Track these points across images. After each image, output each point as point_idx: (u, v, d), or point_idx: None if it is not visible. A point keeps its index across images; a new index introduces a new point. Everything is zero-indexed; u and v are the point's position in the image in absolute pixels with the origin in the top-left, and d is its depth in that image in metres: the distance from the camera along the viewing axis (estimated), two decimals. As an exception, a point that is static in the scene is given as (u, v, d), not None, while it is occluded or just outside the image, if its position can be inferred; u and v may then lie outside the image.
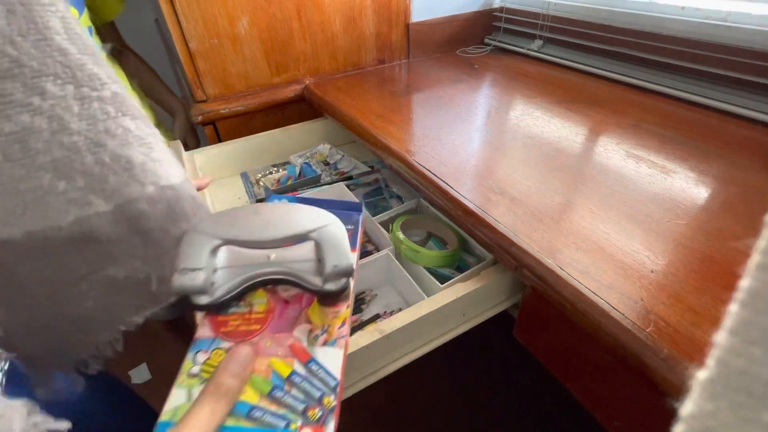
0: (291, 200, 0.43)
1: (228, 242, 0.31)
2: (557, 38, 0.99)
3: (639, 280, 0.39)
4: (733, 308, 0.10)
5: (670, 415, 0.11)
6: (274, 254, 0.32)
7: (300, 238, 0.32)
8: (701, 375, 0.10)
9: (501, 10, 1.11)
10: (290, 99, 0.94)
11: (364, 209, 0.42)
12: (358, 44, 0.99)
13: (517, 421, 1.09)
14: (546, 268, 0.41)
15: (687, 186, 0.52)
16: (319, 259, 0.31)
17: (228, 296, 0.30)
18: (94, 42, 0.25)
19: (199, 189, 0.58)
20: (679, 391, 0.31)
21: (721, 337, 0.10)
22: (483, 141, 0.66)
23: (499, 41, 1.13)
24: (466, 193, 0.53)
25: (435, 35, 1.09)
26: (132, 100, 0.28)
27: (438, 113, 0.76)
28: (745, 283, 0.09)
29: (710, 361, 0.10)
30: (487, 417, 1.10)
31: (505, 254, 0.46)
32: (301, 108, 0.97)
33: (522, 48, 1.06)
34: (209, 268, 0.30)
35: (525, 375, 1.18)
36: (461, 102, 0.80)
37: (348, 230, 0.36)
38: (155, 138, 0.29)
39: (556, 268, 0.41)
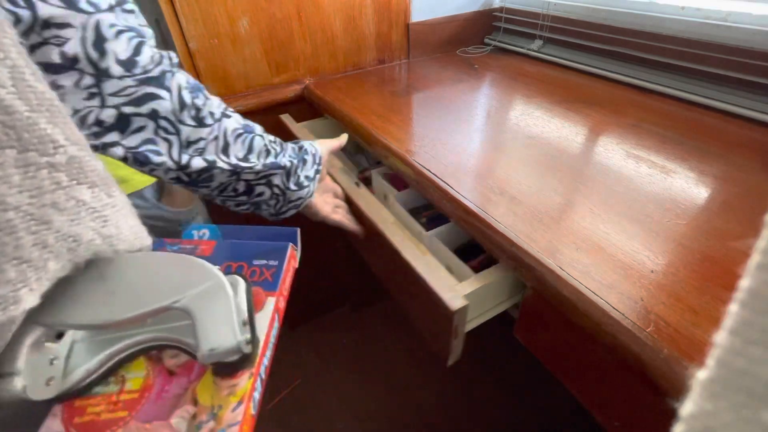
0: (213, 232, 0.37)
1: (56, 328, 0.23)
2: (557, 38, 0.99)
3: (639, 280, 0.39)
4: (733, 308, 0.10)
5: (670, 415, 0.11)
6: None
7: (161, 312, 0.23)
8: (701, 375, 0.10)
9: (501, 10, 1.11)
10: (290, 99, 0.94)
11: (299, 239, 0.36)
12: (358, 44, 0.99)
13: (518, 421, 1.09)
14: (546, 268, 0.41)
15: (687, 186, 0.52)
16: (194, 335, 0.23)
17: (87, 381, 0.24)
18: (53, 95, 0.22)
19: (341, 147, 0.63)
20: (679, 391, 0.31)
21: (721, 337, 0.10)
22: (483, 141, 0.66)
23: (499, 41, 1.13)
24: (466, 193, 0.53)
25: (435, 35, 1.08)
26: (95, 162, 0.23)
27: (438, 113, 0.76)
28: (745, 283, 0.09)
29: (710, 361, 0.10)
30: (487, 416, 1.10)
31: (505, 254, 0.46)
32: (301, 108, 0.97)
33: (522, 48, 1.06)
34: (42, 361, 0.22)
35: (525, 375, 1.18)
36: (461, 102, 0.80)
37: (271, 267, 0.31)
38: (113, 208, 0.24)
39: (556, 268, 0.41)
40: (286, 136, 0.72)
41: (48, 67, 0.30)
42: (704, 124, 0.68)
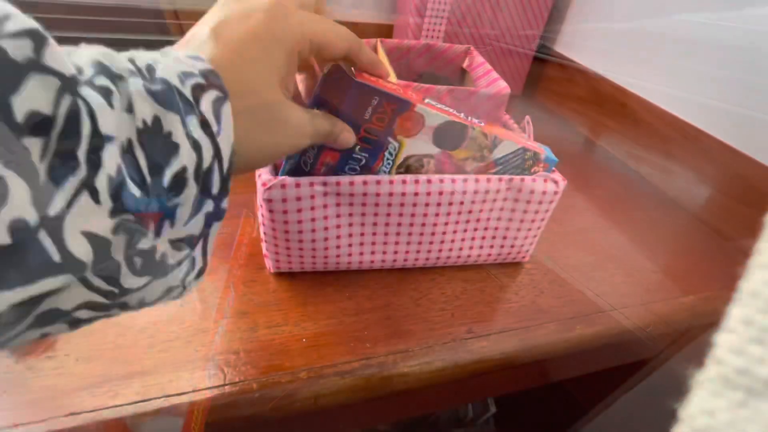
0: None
1: None
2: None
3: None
4: (733, 308, 0.10)
5: (671, 415, 0.11)
6: None
7: None
8: (701, 375, 0.10)
9: (501, 10, 1.11)
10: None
11: None
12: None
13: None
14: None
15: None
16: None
17: None
18: None
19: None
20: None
21: (721, 337, 0.10)
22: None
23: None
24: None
25: (435, 35, 1.08)
26: None
27: (438, 113, 0.76)
28: (745, 283, 0.09)
29: (710, 360, 0.10)
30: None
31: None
32: (301, 108, 0.97)
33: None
34: None
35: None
36: (461, 102, 0.80)
37: None
38: None
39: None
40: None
41: None
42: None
